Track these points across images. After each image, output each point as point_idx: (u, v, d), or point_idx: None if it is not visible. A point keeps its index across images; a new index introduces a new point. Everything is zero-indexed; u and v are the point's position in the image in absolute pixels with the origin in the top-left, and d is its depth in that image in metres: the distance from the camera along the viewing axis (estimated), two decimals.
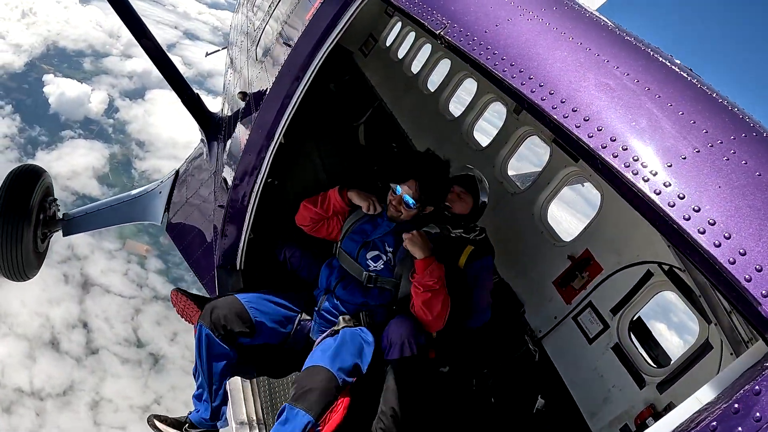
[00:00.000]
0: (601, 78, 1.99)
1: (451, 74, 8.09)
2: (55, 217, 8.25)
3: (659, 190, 1.70)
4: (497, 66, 2.11)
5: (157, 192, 7.63)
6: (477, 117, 7.33)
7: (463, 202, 4.92)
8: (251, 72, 5.71)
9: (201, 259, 5.88)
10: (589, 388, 4.93)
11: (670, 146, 1.78)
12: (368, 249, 4.38)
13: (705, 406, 1.65)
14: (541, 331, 5.34)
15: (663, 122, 1.85)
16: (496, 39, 2.22)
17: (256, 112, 4.49)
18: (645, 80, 2.00)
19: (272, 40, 5.19)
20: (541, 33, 2.23)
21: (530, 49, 2.14)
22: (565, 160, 5.60)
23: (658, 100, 1.92)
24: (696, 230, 1.62)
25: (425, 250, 4.09)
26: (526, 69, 2.05)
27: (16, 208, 7.47)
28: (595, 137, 1.82)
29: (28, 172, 7.95)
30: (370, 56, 10.34)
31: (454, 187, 4.96)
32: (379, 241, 4.39)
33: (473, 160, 6.78)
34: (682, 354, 4.45)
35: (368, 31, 10.46)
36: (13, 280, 8.08)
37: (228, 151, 5.59)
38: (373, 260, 4.37)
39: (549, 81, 1.99)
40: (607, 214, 5.16)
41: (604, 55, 2.10)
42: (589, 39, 2.20)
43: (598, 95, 1.93)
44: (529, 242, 5.68)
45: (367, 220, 4.48)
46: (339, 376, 3.64)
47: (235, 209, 4.63)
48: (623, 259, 4.90)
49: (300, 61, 3.82)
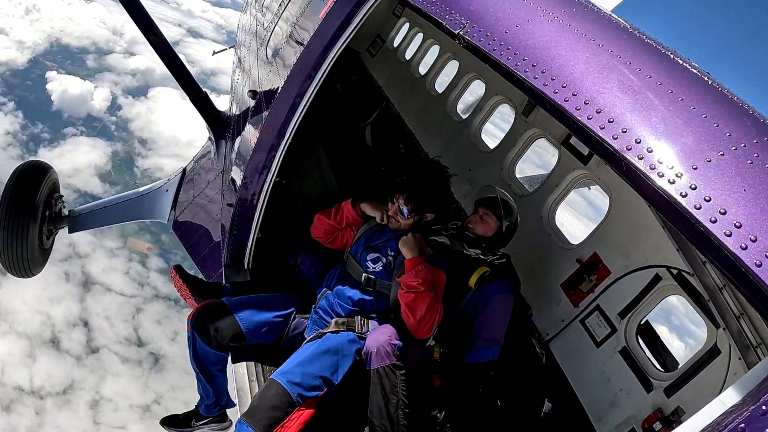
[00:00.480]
0: (624, 80, 1.98)
1: (458, 76, 8.08)
2: (60, 214, 8.23)
3: (685, 192, 1.70)
4: (518, 66, 2.10)
5: (163, 190, 7.62)
6: (485, 119, 7.32)
7: (485, 224, 4.87)
8: (261, 71, 5.71)
9: (207, 258, 5.87)
10: (595, 392, 4.92)
11: (695, 149, 1.78)
12: (370, 251, 4.41)
13: (730, 408, 1.64)
14: (549, 334, 5.33)
15: (687, 125, 1.85)
16: (517, 39, 2.22)
17: (267, 110, 4.48)
18: (667, 83, 1.99)
19: (283, 39, 5.18)
20: (562, 34, 2.22)
21: (552, 49, 2.13)
22: (574, 163, 5.59)
23: (680, 103, 1.92)
24: (723, 233, 1.61)
25: (415, 250, 4.07)
26: (548, 70, 2.05)
27: (22, 204, 7.45)
28: (620, 139, 1.81)
29: (35, 168, 7.93)
30: (377, 57, 10.34)
31: (478, 208, 4.96)
32: (382, 245, 4.42)
33: (481, 162, 6.79)
34: (690, 358, 4.44)
35: (376, 31, 10.46)
36: (18, 276, 8.07)
37: (237, 150, 5.58)
38: (373, 262, 4.37)
39: (572, 82, 1.98)
40: (616, 217, 5.14)
41: (625, 57, 2.10)
42: (610, 41, 2.19)
43: (622, 97, 1.92)
44: (536, 245, 5.66)
45: (377, 229, 4.53)
46: (293, 392, 3.59)
47: (243, 208, 4.62)
48: (631, 263, 4.89)
49: (312, 60, 3.82)
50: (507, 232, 4.89)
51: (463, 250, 4.83)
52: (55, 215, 8.11)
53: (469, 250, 4.83)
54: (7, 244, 7.46)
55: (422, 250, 4.14)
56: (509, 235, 4.93)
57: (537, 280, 5.54)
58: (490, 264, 4.73)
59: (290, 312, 4.38)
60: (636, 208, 4.82)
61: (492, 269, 4.69)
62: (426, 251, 4.20)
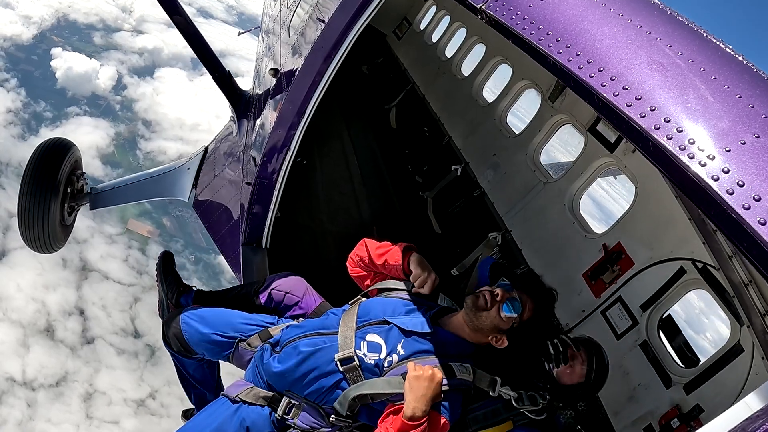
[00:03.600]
0: (654, 56, 1.87)
1: (485, 60, 7.96)
2: (82, 191, 8.30)
3: (717, 176, 1.58)
4: (542, 41, 2.01)
5: (185, 168, 7.62)
6: (511, 103, 7.21)
7: (573, 371, 3.31)
8: (283, 51, 5.66)
9: (227, 237, 5.86)
10: (613, 386, 4.81)
11: (728, 130, 1.67)
12: (374, 329, 3.24)
13: (756, 413, 1.54)
14: (569, 324, 5.23)
15: (720, 105, 1.74)
16: (541, 13, 2.12)
17: (288, 88, 4.43)
18: (699, 61, 1.88)
19: (305, 18, 5.12)
20: (589, 8, 2.11)
21: (577, 24, 2.03)
22: (600, 150, 5.47)
23: (714, 82, 1.81)
24: (756, 221, 1.50)
25: (423, 402, 2.88)
26: (573, 45, 1.95)
27: (45, 180, 7.53)
28: (647, 118, 1.70)
29: (58, 145, 8.00)
30: (403, 39, 10.24)
31: (573, 349, 3.35)
32: (398, 333, 3.20)
33: (505, 147, 6.69)
34: (711, 355, 4.32)
35: (403, 14, 10.35)
36: (38, 252, 8.19)
37: (258, 129, 5.56)
38: (370, 347, 3.18)
39: (598, 58, 1.88)
40: (642, 207, 5.02)
41: (655, 33, 1.99)
42: (640, 16, 2.08)
43: (651, 74, 1.81)
44: (559, 233, 5.56)
45: (406, 301, 3.41)
46: None
47: (262, 186, 4.59)
48: (656, 255, 4.76)
49: (334, 37, 3.75)
50: (591, 384, 3.37)
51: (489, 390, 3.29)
52: (77, 192, 8.19)
53: (508, 393, 3.23)
54: (29, 220, 7.56)
55: (435, 399, 2.96)
56: (591, 390, 3.45)
57: (559, 268, 5.44)
58: (525, 418, 3.24)
59: (234, 336, 3.63)
60: (662, 199, 4.69)
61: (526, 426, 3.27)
62: (439, 399, 3.00)
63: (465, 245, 6.21)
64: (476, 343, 3.24)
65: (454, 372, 3.10)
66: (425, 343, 3.17)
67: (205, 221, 6.53)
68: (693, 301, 4.59)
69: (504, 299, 3.14)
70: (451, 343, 3.22)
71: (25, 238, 7.87)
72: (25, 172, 7.61)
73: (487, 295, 3.17)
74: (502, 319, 3.12)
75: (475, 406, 3.24)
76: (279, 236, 5.01)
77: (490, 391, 3.19)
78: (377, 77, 8.76)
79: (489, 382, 3.21)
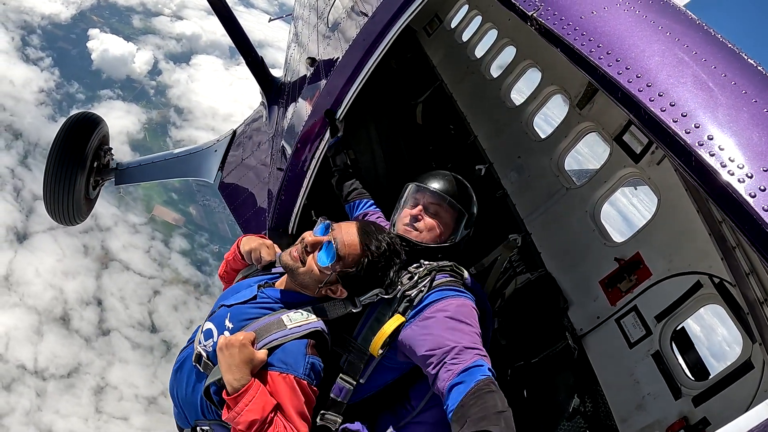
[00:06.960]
0: (699, 75, 1.96)
1: (514, 63, 7.99)
2: (108, 166, 8.47)
3: (754, 193, 1.69)
4: (593, 53, 2.09)
5: (212, 150, 7.75)
6: (538, 107, 7.24)
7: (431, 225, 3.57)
8: (319, 42, 5.74)
9: (252, 220, 5.97)
10: (623, 393, 4.88)
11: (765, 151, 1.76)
12: (211, 318, 3.01)
13: None
14: (582, 329, 5.30)
15: (759, 127, 1.84)
16: (593, 26, 2.21)
17: (325, 78, 4.51)
18: (741, 83, 1.98)
19: (345, 11, 5.20)
20: (638, 24, 2.20)
21: (627, 39, 2.12)
22: (625, 160, 5.51)
23: (754, 105, 1.90)
24: None
25: (237, 371, 2.56)
26: (623, 58, 2.04)
27: (72, 153, 7.67)
28: (692, 134, 1.80)
29: (87, 119, 8.15)
30: (433, 36, 10.26)
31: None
32: (224, 311, 2.95)
33: (531, 151, 6.73)
34: (722, 370, 4.38)
35: (434, 10, 10.37)
36: (61, 223, 8.37)
37: (290, 117, 5.65)
38: (205, 336, 2.91)
39: (647, 73, 1.98)
40: (662, 219, 5.06)
41: (701, 53, 2.08)
42: (685, 35, 2.17)
43: (696, 92, 1.91)
44: (579, 239, 5.61)
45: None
46: None
47: (294, 174, 4.69)
48: (673, 267, 4.81)
49: (376, 31, 3.83)
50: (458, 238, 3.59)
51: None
52: (103, 167, 8.36)
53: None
54: (55, 191, 7.72)
55: (254, 360, 2.62)
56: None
57: (576, 273, 5.50)
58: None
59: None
60: (684, 212, 4.74)
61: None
62: (258, 359, 2.64)
63: (484, 245, 6.27)
64: (315, 297, 2.92)
65: (284, 323, 2.74)
66: (252, 310, 2.88)
67: (230, 204, 6.65)
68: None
69: (317, 247, 2.80)
70: (281, 300, 2.92)
71: (48, 208, 8.04)
72: (53, 142, 7.76)
73: (294, 251, 2.86)
74: (323, 272, 2.79)
75: (355, 333, 3.01)
76: (304, 224, 5.10)
77: (352, 309, 2.90)
78: (406, 72, 8.80)
79: (343, 303, 2.90)
